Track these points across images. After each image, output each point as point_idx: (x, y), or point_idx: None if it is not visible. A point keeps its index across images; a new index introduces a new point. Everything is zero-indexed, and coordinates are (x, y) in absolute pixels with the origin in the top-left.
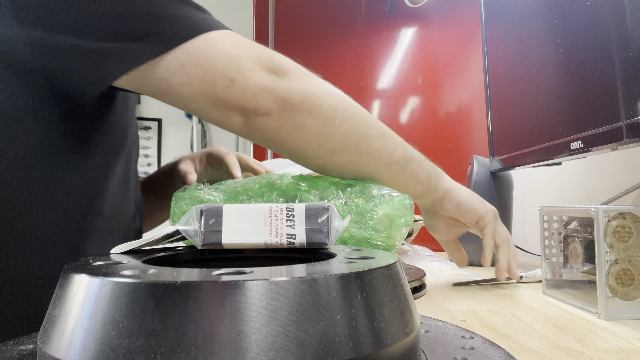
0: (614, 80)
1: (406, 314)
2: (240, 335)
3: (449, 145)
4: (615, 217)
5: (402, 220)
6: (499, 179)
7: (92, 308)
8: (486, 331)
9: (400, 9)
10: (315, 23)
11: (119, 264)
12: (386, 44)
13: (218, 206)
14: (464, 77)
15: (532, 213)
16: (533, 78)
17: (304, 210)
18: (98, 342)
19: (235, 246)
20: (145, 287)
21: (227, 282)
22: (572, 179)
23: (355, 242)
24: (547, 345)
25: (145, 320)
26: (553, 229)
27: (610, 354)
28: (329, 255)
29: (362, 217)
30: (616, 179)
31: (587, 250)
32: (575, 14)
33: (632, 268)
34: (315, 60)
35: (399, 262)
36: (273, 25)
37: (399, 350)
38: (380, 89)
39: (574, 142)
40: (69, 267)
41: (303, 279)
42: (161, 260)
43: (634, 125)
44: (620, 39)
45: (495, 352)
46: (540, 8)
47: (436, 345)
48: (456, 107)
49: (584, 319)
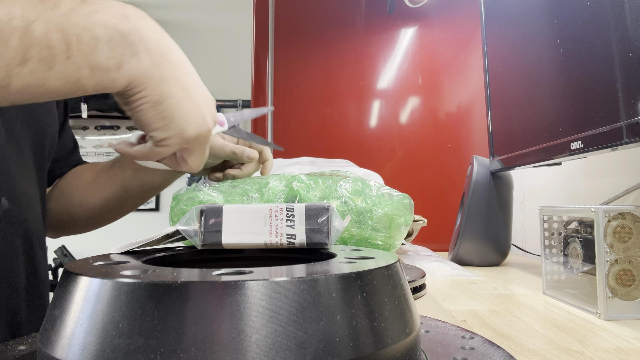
0: (614, 80)
1: (406, 314)
2: (240, 335)
3: (449, 145)
4: (615, 217)
5: (401, 219)
6: (499, 179)
7: (92, 308)
8: (486, 331)
9: (400, 9)
10: (315, 23)
11: (119, 264)
12: (386, 44)
13: (218, 206)
14: (464, 77)
15: (532, 213)
16: (533, 78)
17: (304, 210)
18: (98, 342)
19: (235, 246)
20: (145, 287)
21: (227, 282)
22: (572, 179)
23: (355, 242)
24: (547, 345)
25: (145, 321)
26: (553, 229)
27: (610, 354)
28: (329, 255)
29: (362, 217)
30: (616, 179)
31: (587, 250)
32: (575, 14)
33: (632, 268)
34: (315, 60)
35: (399, 262)
36: (273, 25)
37: (399, 351)
38: (380, 89)
39: (574, 142)
40: (69, 267)
41: (303, 279)
42: (161, 260)
43: (634, 125)
44: (620, 39)
45: (495, 352)
46: (540, 8)
47: (436, 346)
48: (456, 107)
49: (584, 319)
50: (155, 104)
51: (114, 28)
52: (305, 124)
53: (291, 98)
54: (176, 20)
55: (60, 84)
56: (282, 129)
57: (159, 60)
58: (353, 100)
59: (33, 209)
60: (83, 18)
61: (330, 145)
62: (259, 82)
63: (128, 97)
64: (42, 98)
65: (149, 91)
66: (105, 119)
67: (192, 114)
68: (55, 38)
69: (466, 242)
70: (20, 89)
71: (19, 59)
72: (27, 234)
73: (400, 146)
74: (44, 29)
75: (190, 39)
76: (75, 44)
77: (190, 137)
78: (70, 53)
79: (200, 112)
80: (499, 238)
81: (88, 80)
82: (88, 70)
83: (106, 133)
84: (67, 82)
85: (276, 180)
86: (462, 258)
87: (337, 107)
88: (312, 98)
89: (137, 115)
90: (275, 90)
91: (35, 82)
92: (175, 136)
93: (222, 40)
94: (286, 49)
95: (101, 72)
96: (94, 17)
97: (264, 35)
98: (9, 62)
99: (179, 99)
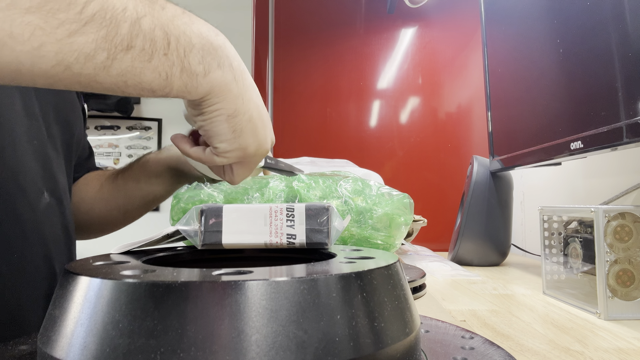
0: (614, 81)
1: (406, 314)
2: (240, 335)
3: (449, 145)
4: (615, 217)
5: (401, 218)
6: (499, 179)
7: (92, 308)
8: (486, 331)
9: (400, 9)
10: (315, 23)
11: (119, 264)
12: (386, 44)
13: (218, 206)
14: (464, 77)
15: (532, 213)
16: (533, 78)
17: (304, 210)
18: (98, 342)
19: (235, 246)
20: (145, 287)
21: (227, 282)
22: (572, 179)
23: (355, 241)
24: (547, 345)
25: (146, 321)
26: (553, 229)
27: (610, 354)
28: (329, 255)
29: (362, 216)
30: (616, 179)
31: (587, 250)
32: (575, 14)
33: (632, 268)
34: (315, 60)
35: (399, 262)
36: (273, 25)
37: (399, 350)
38: (380, 89)
39: (574, 142)
40: (69, 267)
41: (303, 279)
42: (161, 260)
43: (634, 125)
44: (620, 39)
45: (495, 352)
46: (540, 8)
47: (436, 346)
48: (456, 107)
49: (584, 319)
50: (229, 117)
51: (207, 39)
52: (305, 124)
53: (291, 98)
54: None
55: (153, 76)
56: (282, 129)
57: (239, 77)
58: (353, 100)
59: (68, 203)
60: (183, 25)
61: (330, 145)
62: (259, 82)
63: (205, 107)
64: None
65: (225, 103)
66: (105, 119)
67: (258, 132)
68: (159, 35)
69: (466, 242)
70: (119, 73)
71: (125, 45)
72: (66, 225)
73: (400, 146)
74: (152, 24)
75: None
76: (174, 44)
77: (250, 154)
78: (168, 51)
79: (265, 132)
80: (499, 238)
81: (177, 79)
82: (179, 69)
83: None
84: (159, 76)
85: (276, 179)
86: (462, 258)
87: (337, 107)
88: (312, 98)
89: (209, 126)
90: (275, 90)
91: (133, 70)
92: (238, 150)
93: None
94: (286, 49)
95: (190, 74)
96: (192, 26)
97: (264, 35)
98: (116, 45)
99: (249, 116)
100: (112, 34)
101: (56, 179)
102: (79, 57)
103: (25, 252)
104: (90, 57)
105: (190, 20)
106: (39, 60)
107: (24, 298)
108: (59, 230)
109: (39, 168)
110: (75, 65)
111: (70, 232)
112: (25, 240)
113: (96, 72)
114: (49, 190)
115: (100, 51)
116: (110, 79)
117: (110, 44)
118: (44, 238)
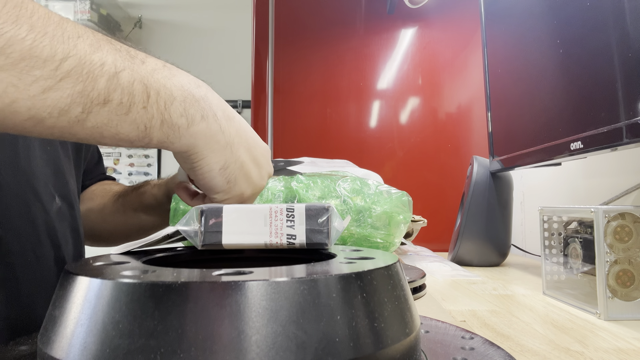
0: (614, 81)
1: (406, 314)
2: (240, 335)
3: (449, 146)
4: (615, 217)
5: (400, 216)
6: (498, 180)
7: (92, 308)
8: (486, 331)
9: (400, 9)
10: (315, 23)
11: (119, 264)
12: (386, 44)
13: (218, 206)
14: (464, 78)
15: (532, 213)
16: (533, 78)
17: (304, 211)
18: (98, 342)
19: (235, 246)
20: (145, 288)
21: (227, 283)
22: (572, 179)
23: (355, 240)
24: (547, 345)
25: (146, 321)
26: (553, 229)
27: (610, 355)
28: (329, 255)
29: (361, 215)
30: (616, 179)
31: (587, 250)
32: (575, 14)
33: (632, 268)
34: (315, 60)
35: (398, 263)
36: (273, 25)
37: (399, 351)
38: (380, 89)
39: (574, 142)
40: (69, 268)
41: (303, 279)
42: (161, 260)
43: (634, 126)
44: (620, 39)
45: (495, 353)
46: (540, 8)
47: (436, 346)
48: (456, 108)
49: (584, 319)
50: (221, 169)
51: (189, 92)
52: (305, 124)
53: (291, 98)
54: (176, 20)
55: (130, 128)
56: (282, 129)
57: (225, 126)
58: (353, 100)
59: (78, 207)
60: (163, 78)
61: (330, 145)
62: (259, 82)
63: (195, 160)
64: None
65: (214, 156)
66: None
67: (252, 176)
68: (138, 88)
69: (466, 243)
70: (94, 126)
71: (102, 99)
72: (76, 228)
73: (400, 146)
74: (131, 78)
75: (190, 39)
76: (154, 97)
77: (247, 197)
78: (148, 104)
79: (259, 172)
80: (498, 238)
81: (157, 131)
82: (159, 122)
83: None
84: (137, 128)
85: (275, 180)
86: (462, 258)
87: (337, 107)
88: (312, 98)
89: (203, 181)
90: (275, 90)
91: (109, 123)
92: (234, 197)
93: (222, 40)
94: (286, 49)
95: (171, 126)
96: (172, 79)
97: (264, 35)
98: (92, 100)
99: (241, 163)
100: (88, 89)
101: (67, 184)
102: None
103: (39, 254)
104: (64, 111)
105: (171, 73)
106: (11, 115)
107: (37, 298)
108: (70, 233)
109: (51, 173)
110: (48, 120)
111: (80, 235)
112: (39, 242)
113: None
114: (60, 195)
115: (75, 106)
116: (85, 131)
117: (86, 98)
118: (56, 241)
